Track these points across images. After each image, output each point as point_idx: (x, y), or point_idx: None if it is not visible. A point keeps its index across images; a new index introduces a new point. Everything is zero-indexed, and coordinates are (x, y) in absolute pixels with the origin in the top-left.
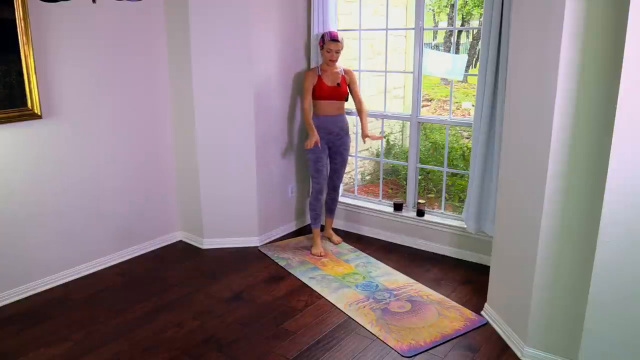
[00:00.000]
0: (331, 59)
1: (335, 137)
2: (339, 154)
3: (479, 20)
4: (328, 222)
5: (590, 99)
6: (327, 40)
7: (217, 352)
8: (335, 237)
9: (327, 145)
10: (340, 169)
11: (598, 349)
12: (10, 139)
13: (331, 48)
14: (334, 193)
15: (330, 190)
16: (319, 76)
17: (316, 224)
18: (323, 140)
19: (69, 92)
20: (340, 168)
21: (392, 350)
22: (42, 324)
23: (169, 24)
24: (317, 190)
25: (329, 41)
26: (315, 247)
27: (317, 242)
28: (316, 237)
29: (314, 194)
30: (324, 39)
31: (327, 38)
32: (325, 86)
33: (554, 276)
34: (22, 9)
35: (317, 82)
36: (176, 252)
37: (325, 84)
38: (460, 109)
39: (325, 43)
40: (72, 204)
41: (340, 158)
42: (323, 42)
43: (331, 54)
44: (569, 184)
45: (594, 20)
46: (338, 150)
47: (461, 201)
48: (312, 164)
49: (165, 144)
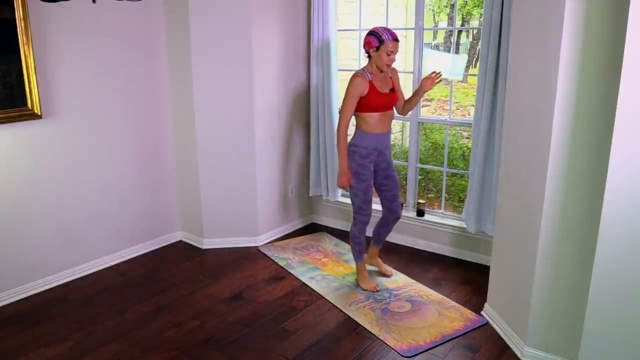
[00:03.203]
0: (389, 63)
1: (380, 159)
2: (391, 179)
3: (479, 20)
4: (374, 251)
5: (590, 99)
6: (386, 40)
7: (217, 352)
8: (388, 268)
9: (374, 168)
10: (397, 195)
11: (598, 349)
12: (10, 139)
13: (392, 50)
14: (392, 224)
15: (390, 222)
16: (371, 82)
17: (361, 258)
18: (372, 164)
19: (69, 92)
20: (397, 193)
21: (392, 350)
22: (42, 324)
23: (169, 24)
24: (364, 222)
25: (390, 41)
26: (365, 282)
27: (365, 275)
28: (363, 271)
29: (359, 227)
30: (380, 39)
31: (387, 37)
32: (379, 94)
33: (554, 276)
34: (22, 9)
35: (368, 90)
36: (176, 252)
37: (379, 91)
38: (460, 109)
39: (384, 44)
40: (72, 204)
41: (393, 182)
42: (379, 42)
43: (391, 57)
44: (569, 184)
45: (594, 20)
46: (388, 174)
47: (461, 201)
48: (361, 196)
49: (165, 144)
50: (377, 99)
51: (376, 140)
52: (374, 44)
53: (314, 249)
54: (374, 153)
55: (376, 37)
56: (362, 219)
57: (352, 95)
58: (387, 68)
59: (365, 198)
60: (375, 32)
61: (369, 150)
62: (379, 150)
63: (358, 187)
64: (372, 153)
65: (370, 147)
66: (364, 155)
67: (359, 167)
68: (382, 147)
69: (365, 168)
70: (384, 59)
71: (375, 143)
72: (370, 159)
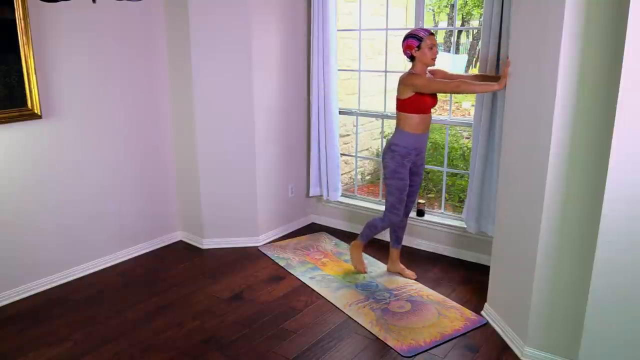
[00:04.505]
0: (434, 56)
1: (418, 158)
2: (418, 175)
3: (479, 20)
4: (395, 253)
5: (590, 99)
6: (424, 36)
7: (217, 352)
8: (409, 272)
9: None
10: (417, 191)
11: (598, 349)
12: (10, 139)
13: (433, 43)
14: (406, 219)
15: (403, 217)
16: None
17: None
18: (410, 163)
19: (69, 92)
20: (417, 190)
21: (392, 350)
22: (42, 324)
23: (169, 24)
24: (393, 222)
25: (427, 36)
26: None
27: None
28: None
29: (385, 224)
30: (418, 37)
31: (423, 34)
32: (428, 97)
33: (554, 276)
34: (22, 9)
35: (416, 92)
36: (176, 252)
37: (427, 94)
38: (460, 109)
39: (423, 40)
40: (72, 204)
41: (418, 179)
42: (419, 41)
43: (434, 50)
44: (569, 184)
45: (594, 20)
46: (417, 171)
47: (461, 201)
48: (397, 194)
49: (165, 143)
50: (426, 100)
51: (416, 139)
52: (414, 45)
53: (314, 249)
54: (413, 153)
55: (413, 37)
56: (393, 219)
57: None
58: (433, 62)
59: (400, 197)
60: (411, 34)
61: (409, 149)
62: (419, 149)
63: (396, 185)
64: (412, 152)
65: (410, 147)
66: (404, 155)
67: (399, 166)
68: (421, 146)
69: (404, 167)
70: (427, 54)
71: (415, 142)
72: (409, 159)
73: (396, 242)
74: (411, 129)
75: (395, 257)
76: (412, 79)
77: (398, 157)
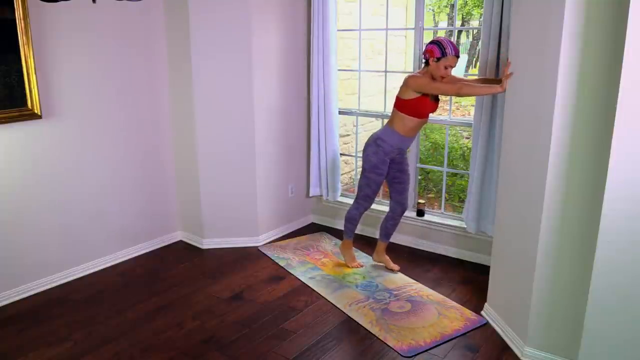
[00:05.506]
0: (444, 75)
1: (398, 155)
2: (404, 172)
3: (479, 20)
4: (382, 246)
5: (590, 98)
6: (449, 55)
7: (217, 352)
8: (394, 264)
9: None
10: (407, 189)
11: (598, 349)
12: (10, 139)
13: (451, 65)
14: (399, 218)
15: (397, 215)
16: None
17: (350, 236)
18: (387, 157)
19: (69, 92)
20: (407, 187)
21: (392, 350)
22: (42, 324)
23: (169, 24)
24: (366, 208)
25: (452, 57)
26: (352, 260)
27: (351, 253)
28: (350, 249)
29: (360, 210)
30: (443, 51)
31: (450, 52)
32: (429, 102)
33: (554, 276)
34: (22, 9)
35: (420, 96)
36: (176, 252)
37: (429, 100)
38: (460, 109)
39: (446, 57)
40: (72, 204)
41: (406, 176)
42: (442, 54)
43: (448, 71)
44: (569, 184)
45: (594, 20)
46: (403, 168)
47: (461, 201)
48: (373, 187)
49: (165, 143)
50: (426, 105)
51: (403, 141)
52: (436, 54)
53: (314, 249)
54: (396, 151)
55: (440, 48)
56: (366, 206)
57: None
58: (440, 80)
59: (375, 190)
60: (441, 44)
61: (393, 148)
62: (402, 149)
63: (374, 179)
64: (394, 151)
65: (395, 146)
66: (387, 152)
67: (380, 162)
68: (405, 147)
69: (384, 164)
70: (441, 71)
71: (401, 143)
72: (390, 156)
73: (385, 237)
74: (403, 130)
75: (381, 249)
76: (417, 79)
77: (381, 154)
